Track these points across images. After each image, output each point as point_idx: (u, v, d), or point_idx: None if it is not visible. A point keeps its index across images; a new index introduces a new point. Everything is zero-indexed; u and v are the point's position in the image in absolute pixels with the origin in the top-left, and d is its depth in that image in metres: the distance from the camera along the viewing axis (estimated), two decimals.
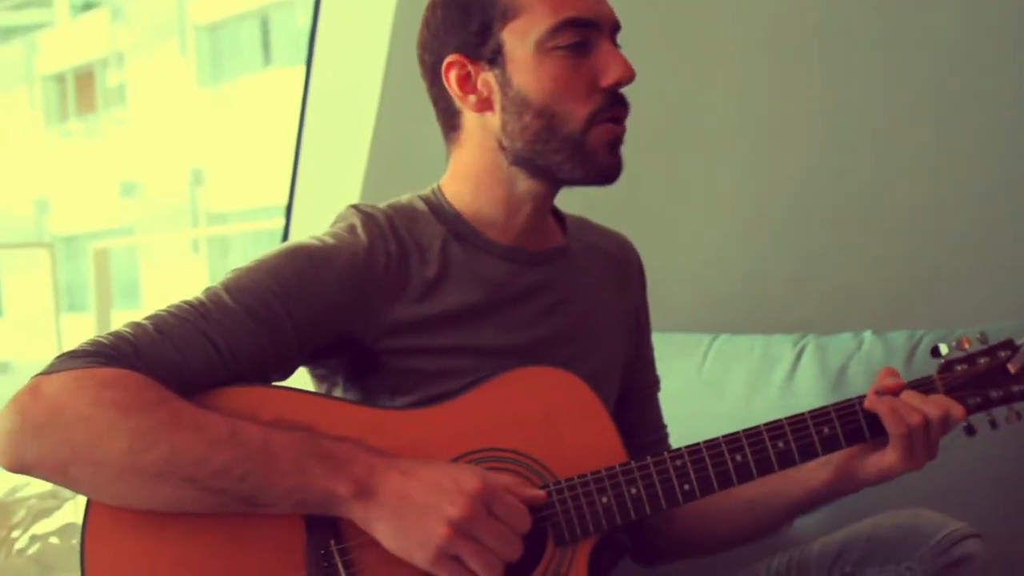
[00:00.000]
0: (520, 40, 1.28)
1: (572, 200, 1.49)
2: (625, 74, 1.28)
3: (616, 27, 1.32)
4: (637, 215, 2.12)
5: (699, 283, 2.15)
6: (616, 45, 1.31)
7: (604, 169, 1.30)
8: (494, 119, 1.31)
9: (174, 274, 14.10)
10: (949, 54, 2.02)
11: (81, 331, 1.26)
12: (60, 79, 17.87)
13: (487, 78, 1.30)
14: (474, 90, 1.30)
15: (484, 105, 1.31)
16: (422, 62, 1.34)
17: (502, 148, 1.31)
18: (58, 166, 17.38)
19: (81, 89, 17.65)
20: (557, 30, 1.26)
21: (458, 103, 1.32)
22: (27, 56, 17.95)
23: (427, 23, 1.34)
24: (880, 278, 2.05)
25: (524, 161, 1.30)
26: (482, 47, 1.29)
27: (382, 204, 1.34)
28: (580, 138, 1.28)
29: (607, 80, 1.28)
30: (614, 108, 1.29)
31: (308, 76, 2.56)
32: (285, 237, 2.68)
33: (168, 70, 16.33)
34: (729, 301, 2.12)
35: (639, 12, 2.19)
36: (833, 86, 2.10)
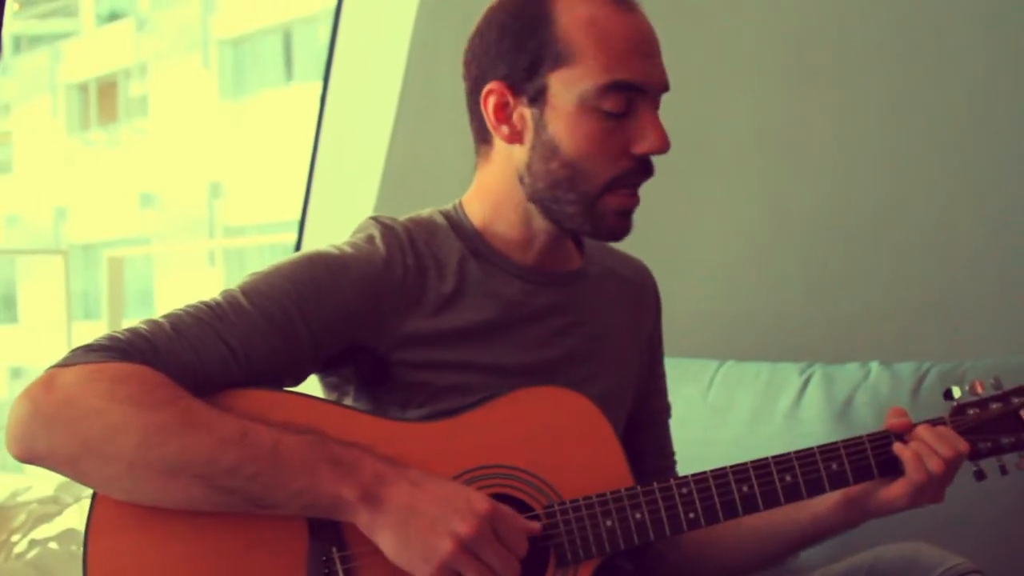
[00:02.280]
0: (566, 89, 1.27)
1: None
2: (660, 147, 1.28)
3: (664, 90, 1.30)
4: (646, 239, 2.12)
5: (707, 309, 2.15)
6: (657, 108, 1.30)
7: (612, 231, 1.31)
8: (521, 153, 1.30)
9: (189, 285, 14.15)
10: (964, 84, 2.01)
11: (92, 339, 1.26)
12: (83, 88, 17.99)
13: (524, 114, 1.29)
14: (508, 121, 1.30)
15: (515, 138, 1.30)
16: (467, 69, 1.33)
17: (522, 183, 1.31)
18: (78, 175, 17.48)
19: (103, 99, 17.76)
20: (605, 90, 1.25)
21: (492, 131, 1.31)
22: (51, 65, 18.08)
23: (481, 34, 1.32)
24: (889, 308, 2.05)
25: (540, 203, 1.31)
26: (527, 83, 1.28)
27: (403, 217, 1.34)
28: (595, 199, 1.28)
29: (640, 149, 1.27)
30: (640, 176, 1.29)
31: (325, 91, 2.58)
32: (297, 251, 2.68)
33: (190, 82, 16.42)
34: (737, 327, 2.12)
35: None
36: (845, 114, 2.10)
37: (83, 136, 18.07)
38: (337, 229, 1.40)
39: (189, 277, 14.61)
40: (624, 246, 1.53)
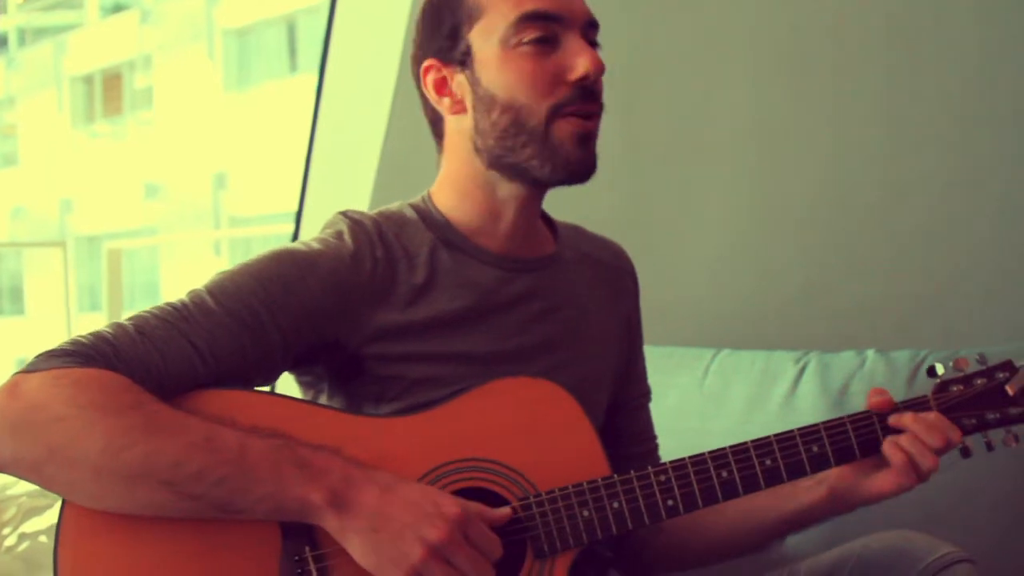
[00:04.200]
0: (486, 39, 1.28)
1: (576, 212, 1.49)
2: (591, 68, 1.27)
3: (590, 23, 1.30)
4: (643, 227, 2.12)
5: (703, 297, 2.14)
6: (591, 42, 1.30)
7: (573, 163, 1.28)
8: (468, 121, 1.31)
9: (195, 275, 14.15)
10: (962, 74, 2.00)
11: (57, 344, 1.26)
12: (88, 80, 18.00)
13: (460, 80, 1.30)
14: (449, 93, 1.31)
15: (459, 107, 1.31)
16: (412, 73, 1.36)
17: (477, 151, 1.31)
18: (83, 167, 17.50)
19: (108, 91, 17.77)
20: (519, 24, 1.26)
21: (437, 108, 1.33)
22: (56, 57, 18.09)
23: (416, 26, 1.35)
24: (886, 296, 2.04)
25: (497, 161, 1.30)
26: (453, 50, 1.30)
27: (372, 211, 1.34)
28: (544, 131, 1.27)
29: (573, 74, 1.27)
30: (582, 103, 1.27)
31: (320, 83, 2.57)
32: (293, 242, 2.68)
33: (195, 73, 16.42)
34: (733, 316, 2.11)
35: (650, 25, 2.20)
36: (843, 103, 2.09)
37: (88, 128, 18.09)
38: None
39: (195, 267, 14.62)
40: (621, 233, 1.52)
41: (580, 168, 1.28)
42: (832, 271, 2.08)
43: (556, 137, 1.27)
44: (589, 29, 1.30)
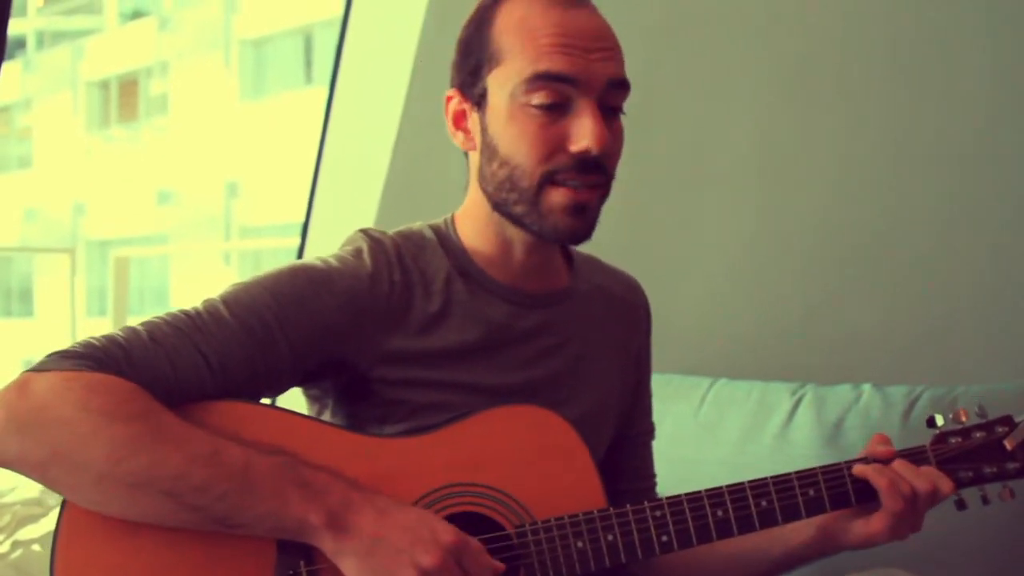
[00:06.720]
0: (500, 88, 1.26)
1: None
2: (593, 146, 1.23)
3: (613, 84, 1.26)
4: (643, 254, 2.12)
5: (702, 326, 2.15)
6: (612, 107, 1.26)
7: (562, 231, 1.26)
8: (476, 159, 1.31)
9: (205, 282, 14.18)
10: (965, 108, 2.01)
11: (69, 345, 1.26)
12: (104, 86, 18.09)
13: (474, 119, 1.30)
14: (464, 128, 1.31)
15: (470, 144, 1.31)
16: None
17: (484, 191, 1.30)
18: (97, 171, 17.58)
19: (124, 96, 17.85)
20: (531, 83, 1.23)
21: (452, 139, 1.32)
22: (73, 62, 18.19)
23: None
24: (885, 329, 2.04)
25: (497, 208, 1.30)
26: (473, 88, 1.29)
27: (392, 231, 1.33)
28: (535, 195, 1.25)
29: (574, 147, 1.24)
30: (578, 174, 1.24)
31: (331, 98, 2.59)
32: (300, 256, 2.70)
33: (211, 82, 16.50)
34: (731, 344, 2.12)
35: (654, 52, 2.21)
36: (844, 136, 2.10)
37: (103, 133, 18.17)
38: (340, 234, 1.39)
39: (205, 275, 14.65)
40: (622, 258, 1.52)
41: (568, 236, 1.27)
42: (831, 303, 2.08)
43: (546, 204, 1.25)
44: (611, 91, 1.26)
